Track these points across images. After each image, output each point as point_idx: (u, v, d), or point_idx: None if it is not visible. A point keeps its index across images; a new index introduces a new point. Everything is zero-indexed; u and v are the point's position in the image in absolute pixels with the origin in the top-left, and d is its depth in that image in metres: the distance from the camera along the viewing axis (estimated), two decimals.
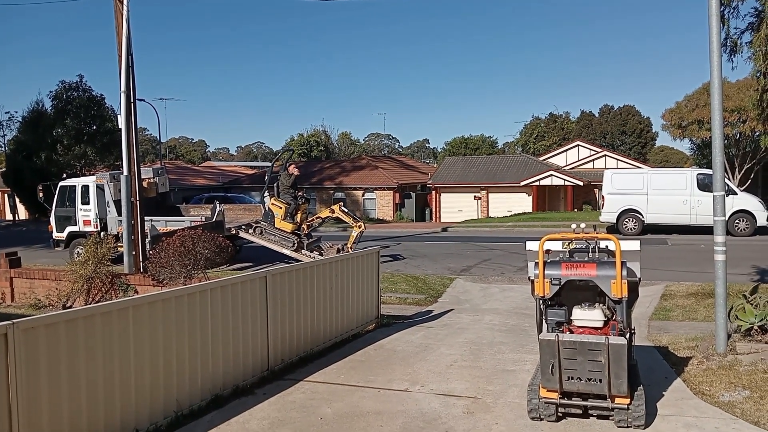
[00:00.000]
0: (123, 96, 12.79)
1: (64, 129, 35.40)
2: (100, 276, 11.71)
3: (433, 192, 41.41)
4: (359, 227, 16.00)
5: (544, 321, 5.44)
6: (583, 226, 5.50)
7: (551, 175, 38.69)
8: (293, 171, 16.44)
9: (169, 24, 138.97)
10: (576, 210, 38.52)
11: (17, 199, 38.24)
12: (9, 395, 4.15)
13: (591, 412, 5.27)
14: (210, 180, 45.83)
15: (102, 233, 15.92)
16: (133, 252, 13.06)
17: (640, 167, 37.38)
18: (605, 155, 44.56)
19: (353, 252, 9.69)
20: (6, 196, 43.86)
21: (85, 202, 17.76)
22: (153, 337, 5.34)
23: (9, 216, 42.09)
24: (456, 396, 6.16)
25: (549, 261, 5.38)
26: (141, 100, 19.95)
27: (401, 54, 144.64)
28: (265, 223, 15.92)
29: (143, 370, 5.23)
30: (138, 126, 13.41)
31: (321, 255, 14.74)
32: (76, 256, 15.91)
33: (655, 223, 21.62)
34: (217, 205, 17.70)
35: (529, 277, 5.56)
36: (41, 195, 19.61)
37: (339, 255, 9.95)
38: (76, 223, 17.85)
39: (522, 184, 38.72)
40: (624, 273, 5.08)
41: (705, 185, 20.42)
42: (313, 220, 16.84)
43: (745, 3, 8.35)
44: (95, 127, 36.93)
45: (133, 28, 12.80)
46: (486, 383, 6.53)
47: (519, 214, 35.24)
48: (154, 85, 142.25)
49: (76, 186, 18.10)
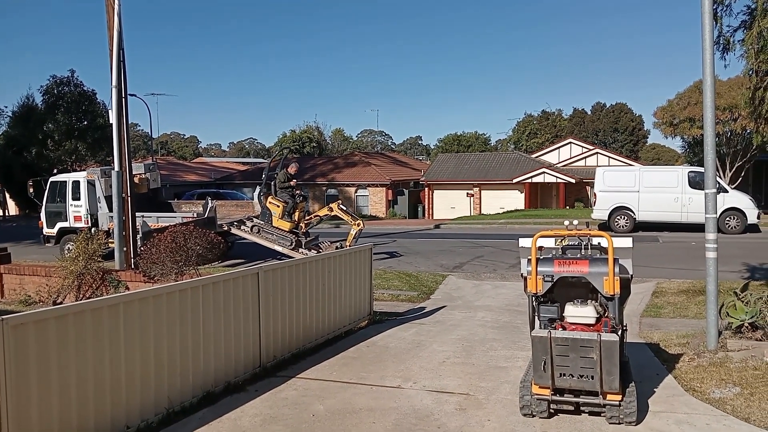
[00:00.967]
0: (114, 91, 12.68)
1: (54, 124, 35.19)
2: (90, 272, 11.64)
3: (426, 189, 41.44)
4: (358, 225, 15.96)
5: (536, 318, 5.45)
6: (576, 223, 5.51)
7: (543, 173, 38.78)
8: (292, 170, 16.38)
9: (161, 20, 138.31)
10: (568, 207, 38.64)
11: (7, 195, 38.04)
12: None
13: (583, 408, 5.27)
14: (202, 176, 45.68)
15: (93, 229, 15.83)
16: (124, 248, 12.97)
17: (631, 165, 37.54)
18: (597, 153, 44.70)
19: (345, 249, 9.68)
20: None
21: (76, 197, 17.65)
22: (144, 334, 5.31)
23: None
24: (448, 392, 6.16)
25: (542, 258, 5.38)
26: (133, 95, 19.87)
27: (394, 51, 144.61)
28: (263, 222, 15.85)
29: (134, 366, 5.19)
30: (129, 121, 13.33)
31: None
32: (66, 252, 15.81)
33: (647, 221, 21.72)
34: (209, 202, 17.63)
35: (522, 274, 5.56)
36: (31, 191, 19.46)
37: (331, 251, 9.92)
38: (66, 219, 17.74)
39: (514, 181, 38.81)
40: (616, 270, 5.09)
41: (696, 183, 20.52)
42: (311, 218, 16.78)
43: (738, 1, 8.39)
44: (86, 123, 36.73)
45: (125, 23, 12.70)
46: (478, 380, 6.54)
47: (511, 211, 35.34)
48: (146, 81, 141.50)
49: (66, 181, 17.99)
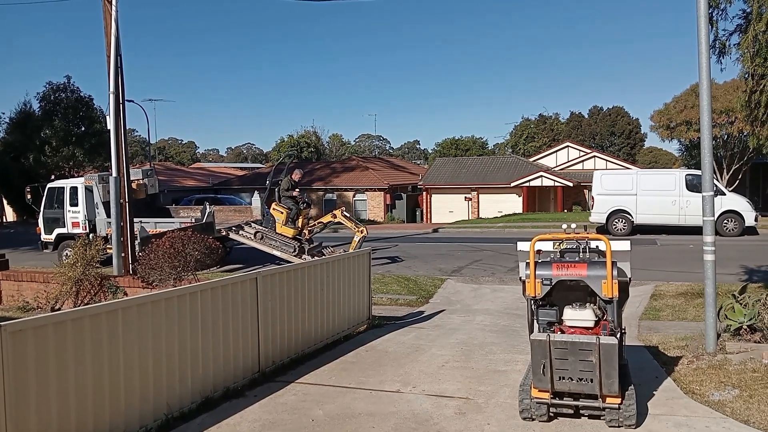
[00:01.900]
0: (112, 97, 12.70)
1: (52, 130, 35.13)
2: (89, 278, 11.62)
3: (424, 193, 41.46)
4: (361, 232, 15.92)
5: (535, 321, 5.45)
6: (574, 226, 5.52)
7: (541, 176, 38.84)
8: (296, 176, 16.38)
9: (159, 26, 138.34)
10: (566, 211, 38.69)
11: (5, 201, 37.98)
12: None
13: (582, 412, 5.28)
14: (200, 181, 45.66)
15: (91, 235, 15.80)
16: (123, 254, 12.98)
17: (629, 168, 37.62)
18: (594, 156, 44.81)
19: (344, 253, 9.68)
20: None
21: (74, 203, 17.62)
22: (142, 340, 5.30)
23: None
24: (448, 397, 6.16)
25: (540, 261, 5.39)
26: (130, 101, 19.78)
27: (392, 56, 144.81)
28: (266, 228, 15.83)
29: (133, 372, 5.19)
30: (127, 127, 13.32)
31: None
32: (64, 258, 15.77)
33: (645, 224, 21.74)
34: (207, 207, 17.63)
35: (521, 278, 5.57)
36: (29, 197, 19.42)
37: (330, 256, 9.92)
38: (64, 225, 17.71)
39: (512, 185, 38.85)
40: (614, 273, 5.10)
41: (694, 186, 20.56)
42: (315, 225, 16.77)
43: (734, 5, 8.41)
44: (83, 129, 36.69)
45: (122, 29, 12.72)
46: (477, 384, 6.53)
47: (509, 214, 35.34)
48: (143, 87, 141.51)
49: (64, 187, 17.97)
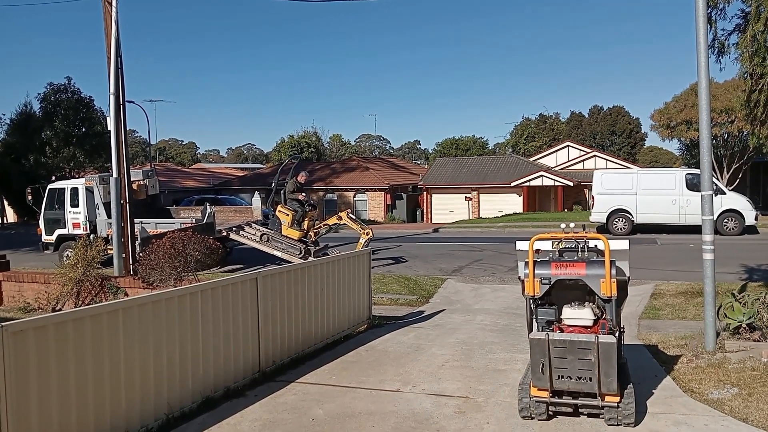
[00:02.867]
0: (112, 98, 12.72)
1: (52, 131, 35.17)
2: (89, 279, 11.65)
3: (425, 193, 41.47)
4: (367, 234, 15.90)
5: (534, 320, 5.47)
6: (573, 225, 5.54)
7: (541, 176, 38.85)
8: (302, 178, 16.39)
9: (159, 27, 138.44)
10: (566, 210, 38.69)
11: (6, 202, 37.98)
12: None
13: (581, 410, 5.29)
14: (200, 182, 45.68)
15: (91, 236, 15.82)
16: (123, 255, 13.00)
17: (629, 167, 37.61)
18: (595, 156, 44.80)
19: (344, 253, 9.69)
20: None
21: (75, 204, 17.64)
22: (143, 340, 5.32)
23: None
24: (447, 396, 6.17)
25: (539, 260, 5.41)
26: (130, 101, 19.81)
27: (392, 56, 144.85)
28: (272, 230, 15.84)
29: (133, 372, 5.21)
30: (127, 128, 13.35)
31: None
32: (65, 259, 15.79)
33: (645, 223, 21.75)
34: (208, 207, 17.64)
35: (520, 277, 5.58)
36: (30, 198, 19.45)
37: (330, 257, 9.93)
38: (65, 226, 17.73)
39: (513, 184, 38.86)
40: (613, 272, 5.11)
41: (694, 185, 20.56)
42: (320, 227, 16.77)
43: (732, 5, 8.43)
44: (84, 130, 36.72)
45: (123, 30, 12.77)
46: (477, 383, 6.55)
47: (510, 214, 35.35)
48: (143, 88, 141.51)
49: (65, 188, 17.98)
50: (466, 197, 40.44)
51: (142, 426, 5.25)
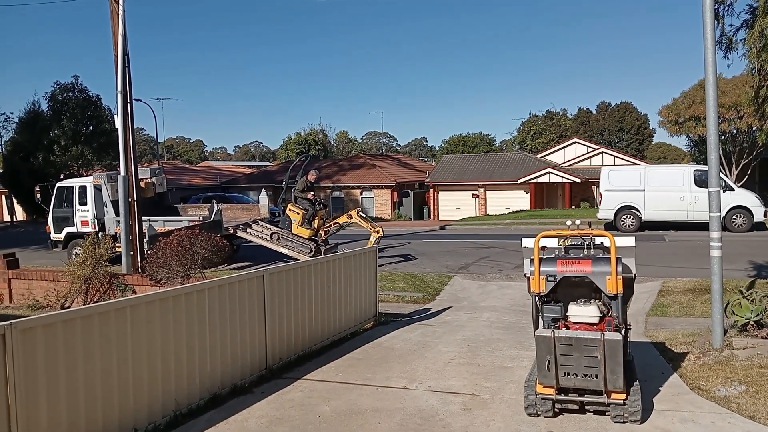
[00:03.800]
0: (119, 96, 12.79)
1: (60, 130, 35.32)
2: (98, 276, 11.71)
3: (431, 190, 41.44)
4: (378, 233, 15.88)
5: (540, 317, 5.47)
6: (578, 222, 5.53)
7: (549, 173, 38.72)
8: (312, 177, 16.43)
9: (166, 24, 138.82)
10: (574, 207, 38.57)
11: (15, 201, 38.22)
12: (8, 396, 4.16)
13: (588, 407, 5.29)
14: (208, 180, 45.81)
15: (100, 234, 15.92)
16: (131, 252, 13.07)
17: (637, 164, 37.44)
18: (603, 152, 44.60)
19: (350, 251, 9.69)
20: (4, 197, 43.83)
21: (83, 202, 17.75)
22: (151, 337, 5.36)
23: (7, 217, 42.10)
24: (453, 393, 6.18)
25: (545, 258, 5.40)
26: (138, 100, 19.93)
27: (398, 53, 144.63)
28: (282, 229, 15.88)
29: (141, 369, 5.24)
30: (135, 126, 13.42)
31: None
32: (74, 256, 15.90)
33: (653, 220, 21.66)
34: (215, 205, 17.72)
35: (525, 274, 5.58)
36: (39, 196, 19.60)
37: (336, 254, 9.96)
38: (73, 224, 17.84)
39: (520, 181, 38.76)
40: (619, 269, 5.10)
41: (702, 181, 20.45)
42: (330, 225, 16.80)
43: (740, 0, 8.39)
44: (92, 128, 36.85)
45: (130, 29, 12.83)
46: (483, 380, 6.55)
47: (517, 211, 35.29)
48: (151, 86, 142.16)
49: (73, 187, 18.09)
50: (473, 194, 40.38)
51: (150, 422, 5.29)
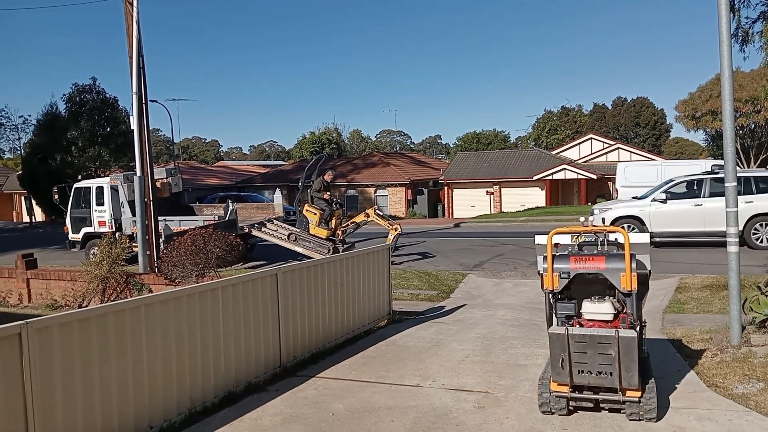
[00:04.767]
0: (134, 97, 12.91)
1: (78, 131, 35.71)
2: (114, 276, 11.85)
3: (446, 188, 41.35)
4: (396, 230, 15.83)
5: (553, 315, 5.44)
6: (591, 218, 5.48)
7: (564, 169, 38.47)
8: (328, 177, 16.46)
9: (181, 26, 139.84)
10: (590, 204, 38.26)
11: (34, 202, 38.69)
12: (24, 394, 4.21)
13: (602, 405, 5.24)
14: (223, 179, 46.08)
15: (117, 234, 16.08)
16: (148, 252, 13.19)
17: (654, 159, 37.08)
18: (618, 148, 44.23)
19: (363, 249, 9.69)
20: (23, 198, 44.44)
21: (100, 203, 17.94)
22: (165, 335, 5.40)
23: (26, 218, 42.66)
24: (467, 391, 6.16)
25: (558, 254, 5.36)
26: (153, 101, 20.10)
27: (412, 50, 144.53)
28: (299, 229, 15.93)
29: (156, 367, 5.29)
30: (151, 127, 13.55)
31: None
32: (91, 256, 16.08)
33: None
34: (230, 204, 17.81)
35: (539, 271, 5.55)
36: (56, 197, 19.84)
37: (349, 252, 9.97)
38: (91, 224, 18.04)
39: (535, 178, 38.54)
40: (633, 265, 5.05)
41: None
42: (348, 225, 16.82)
43: None
44: (109, 129, 37.21)
45: (144, 29, 12.95)
46: (497, 378, 6.53)
47: (532, 208, 35.12)
48: (167, 87, 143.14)
49: (90, 187, 18.29)
50: (487, 191, 40.23)
51: (165, 420, 5.33)
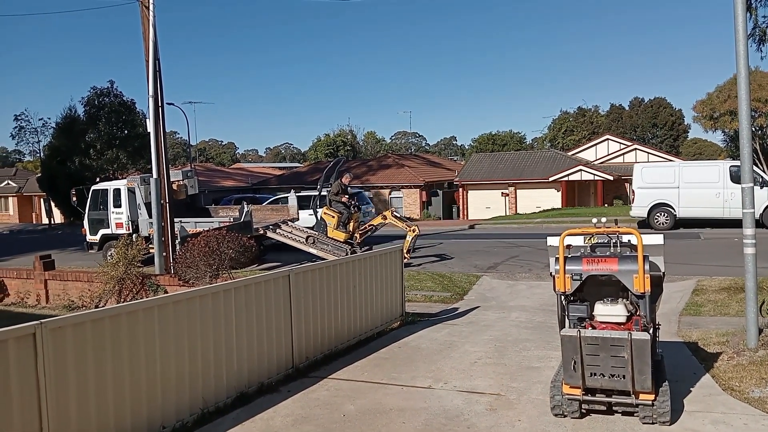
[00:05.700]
0: (151, 100, 13.03)
1: (96, 134, 36.15)
2: (131, 277, 11.97)
3: (461, 189, 41.22)
4: (414, 231, 15.77)
5: (566, 317, 5.39)
6: (604, 220, 5.45)
7: (580, 170, 38.15)
8: (346, 180, 16.51)
9: (197, 29, 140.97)
10: (606, 205, 37.97)
11: (53, 204, 39.20)
12: (39, 393, 4.27)
13: (615, 408, 5.20)
14: (239, 181, 46.34)
15: (134, 235, 16.24)
16: (164, 253, 13.30)
17: (671, 160, 36.69)
18: (635, 149, 43.80)
19: (376, 250, 9.70)
20: (42, 200, 45.04)
21: (117, 205, 18.13)
22: (178, 336, 5.44)
23: (45, 220, 43.21)
24: (479, 393, 6.14)
25: (570, 256, 5.33)
26: (170, 104, 20.29)
27: (427, 52, 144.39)
28: (318, 233, 15.98)
29: (169, 368, 5.33)
30: (167, 130, 13.67)
31: None
32: (109, 258, 16.25)
33: (688, 217, 21.17)
34: (245, 206, 17.91)
35: (551, 273, 5.51)
36: (75, 199, 20.08)
37: (361, 253, 9.98)
38: (108, 226, 18.23)
39: (550, 179, 38.28)
40: (646, 267, 5.00)
41: (738, 177, 19.89)
42: (366, 228, 16.84)
43: None
44: (126, 132, 37.61)
45: (160, 33, 13.07)
46: (510, 380, 6.50)
47: (548, 210, 34.87)
48: (183, 89, 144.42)
49: (108, 189, 18.49)
50: (502, 193, 40.03)
51: (177, 420, 5.37)
